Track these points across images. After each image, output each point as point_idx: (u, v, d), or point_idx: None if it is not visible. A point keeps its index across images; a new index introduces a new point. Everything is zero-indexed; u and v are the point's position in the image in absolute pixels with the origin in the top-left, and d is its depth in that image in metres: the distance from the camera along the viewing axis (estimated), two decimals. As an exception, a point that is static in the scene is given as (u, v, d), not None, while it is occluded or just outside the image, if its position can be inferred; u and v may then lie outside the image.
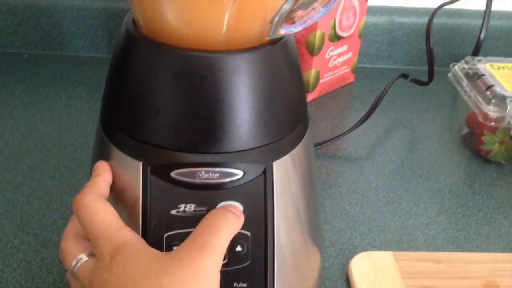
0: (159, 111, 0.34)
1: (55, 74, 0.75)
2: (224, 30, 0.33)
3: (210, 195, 0.35)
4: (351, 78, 0.80)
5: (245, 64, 0.33)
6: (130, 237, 0.32)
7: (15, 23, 0.78)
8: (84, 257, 0.33)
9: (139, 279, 0.30)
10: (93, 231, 0.32)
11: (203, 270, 0.30)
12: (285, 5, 0.34)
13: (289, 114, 0.37)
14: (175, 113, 0.33)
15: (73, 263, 0.33)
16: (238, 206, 0.34)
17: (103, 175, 0.35)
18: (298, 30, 0.35)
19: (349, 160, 0.63)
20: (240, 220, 0.33)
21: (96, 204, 0.33)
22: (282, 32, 0.35)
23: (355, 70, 0.80)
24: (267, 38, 0.35)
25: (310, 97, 0.75)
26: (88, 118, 0.65)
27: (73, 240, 0.34)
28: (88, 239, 0.33)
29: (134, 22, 0.36)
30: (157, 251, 0.32)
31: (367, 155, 0.64)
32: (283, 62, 0.36)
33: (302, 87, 0.39)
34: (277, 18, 0.34)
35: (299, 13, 0.35)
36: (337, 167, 0.61)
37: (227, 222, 0.32)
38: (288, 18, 0.35)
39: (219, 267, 0.31)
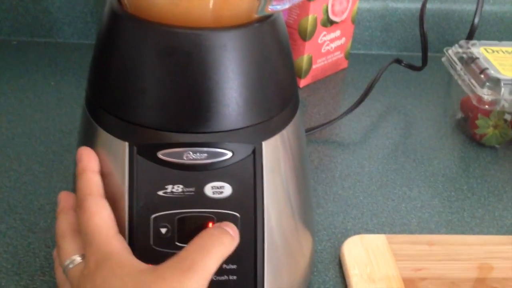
0: (145, 90, 0.33)
1: (44, 61, 0.74)
2: (211, 7, 0.32)
3: (198, 176, 0.34)
4: (344, 64, 0.80)
5: (233, 42, 0.33)
6: (118, 248, 0.31)
7: (3, 10, 0.77)
8: (77, 259, 0.33)
9: None
10: (87, 236, 0.32)
11: None
12: (274, -20, 0.33)
13: (279, 94, 0.36)
14: (161, 91, 0.33)
15: (67, 263, 0.33)
16: (233, 226, 0.33)
17: (91, 167, 0.34)
18: (286, 7, 0.34)
19: (342, 145, 0.62)
20: (234, 242, 0.32)
21: (94, 208, 0.32)
22: (270, 9, 0.34)
23: (349, 56, 0.80)
24: (256, 16, 0.34)
25: (303, 82, 0.74)
26: (76, 105, 0.65)
27: (70, 237, 0.34)
28: None
29: (119, 0, 0.35)
30: (142, 264, 0.31)
31: (361, 140, 0.63)
32: (272, 41, 0.35)
33: (292, 67, 0.38)
34: (265, -6, 0.33)
35: (288, -11, 0.34)
36: (330, 152, 0.61)
37: (220, 245, 0.31)
38: (277, -6, 0.34)
39: None
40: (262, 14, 0.34)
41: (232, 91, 0.33)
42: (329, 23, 0.72)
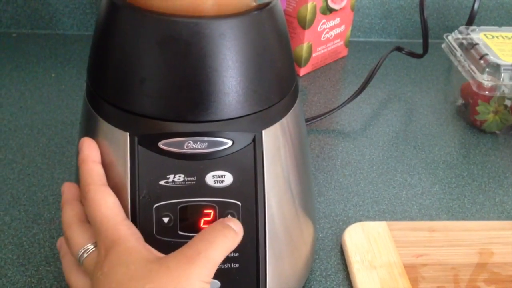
0: (145, 79, 0.33)
1: (44, 52, 0.74)
2: (209, -5, 0.32)
3: (199, 165, 0.34)
4: (344, 52, 0.79)
5: (231, 30, 0.33)
6: (125, 233, 0.31)
7: (3, 2, 0.77)
8: (90, 247, 0.33)
9: (123, 283, 0.29)
10: (95, 225, 0.32)
11: (188, 279, 0.29)
12: (272, -32, 0.33)
13: (278, 82, 0.36)
14: (161, 81, 0.33)
15: (80, 252, 0.33)
16: (237, 222, 0.33)
17: (91, 156, 0.34)
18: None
19: (343, 133, 0.62)
20: (238, 237, 0.32)
21: (98, 197, 0.33)
22: (269, -4, 0.34)
23: (349, 43, 0.79)
24: (254, 4, 0.34)
25: (303, 71, 0.74)
26: (77, 96, 0.65)
27: (77, 226, 0.34)
28: None
29: (117, -11, 0.35)
30: (151, 253, 0.31)
31: (361, 128, 0.63)
32: (270, 29, 0.35)
33: (290, 55, 0.38)
34: (263, -18, 0.33)
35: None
36: (331, 140, 0.61)
37: (223, 237, 0.31)
38: (275, -18, 0.34)
39: (208, 279, 0.30)
40: (260, 2, 0.34)
41: (231, 79, 0.33)
42: (328, 10, 0.72)
